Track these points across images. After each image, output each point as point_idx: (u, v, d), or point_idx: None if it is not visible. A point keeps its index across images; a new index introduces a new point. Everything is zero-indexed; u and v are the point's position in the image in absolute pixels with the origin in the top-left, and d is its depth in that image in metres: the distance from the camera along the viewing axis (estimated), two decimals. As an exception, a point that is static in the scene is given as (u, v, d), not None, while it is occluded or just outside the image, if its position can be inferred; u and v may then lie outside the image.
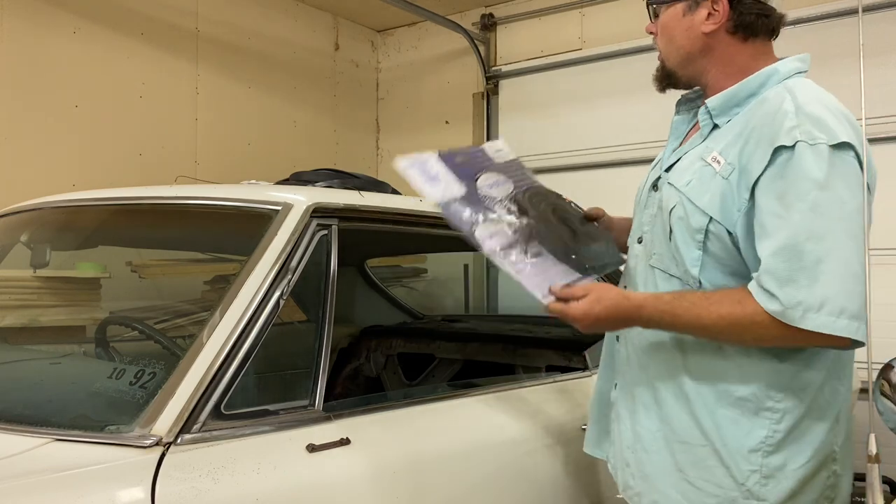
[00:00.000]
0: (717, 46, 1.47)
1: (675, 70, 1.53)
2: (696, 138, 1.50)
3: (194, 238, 2.34)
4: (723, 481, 1.40)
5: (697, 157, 1.45)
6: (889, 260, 3.85)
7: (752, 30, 1.46)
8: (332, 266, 1.65)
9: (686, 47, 1.49)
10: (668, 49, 1.53)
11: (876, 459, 2.40)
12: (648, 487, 1.51)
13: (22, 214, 2.18)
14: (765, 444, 1.39)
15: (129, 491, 1.19)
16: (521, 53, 5.30)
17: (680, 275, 1.44)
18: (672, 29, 1.50)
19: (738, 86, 1.45)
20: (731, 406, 1.40)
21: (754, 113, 1.40)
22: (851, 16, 3.98)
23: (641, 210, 1.59)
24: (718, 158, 1.40)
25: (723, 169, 1.38)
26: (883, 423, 2.06)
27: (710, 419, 1.42)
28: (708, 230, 1.38)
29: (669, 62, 1.54)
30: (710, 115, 1.46)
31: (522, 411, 1.93)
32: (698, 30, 1.47)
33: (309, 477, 1.41)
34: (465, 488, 1.68)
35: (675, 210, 1.43)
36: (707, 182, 1.40)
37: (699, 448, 1.43)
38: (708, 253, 1.40)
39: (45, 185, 2.71)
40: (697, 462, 1.43)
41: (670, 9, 1.50)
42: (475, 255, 4.72)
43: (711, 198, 1.38)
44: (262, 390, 1.52)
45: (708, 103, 1.47)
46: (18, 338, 2.28)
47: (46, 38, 3.85)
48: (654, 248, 1.50)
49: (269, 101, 4.96)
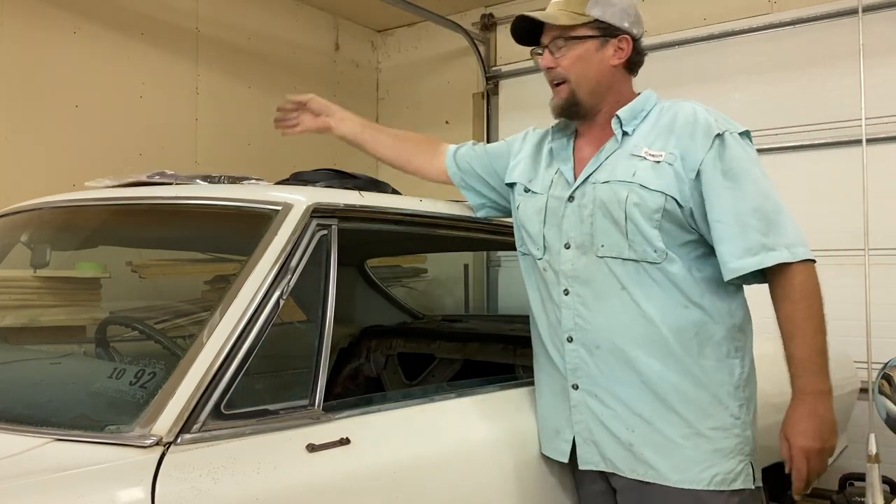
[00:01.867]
0: (615, 79, 1.78)
1: (584, 99, 1.77)
2: (612, 145, 1.76)
3: (194, 238, 2.34)
4: (725, 421, 1.67)
5: (626, 156, 1.72)
6: (889, 260, 3.86)
7: (636, 66, 1.82)
8: (332, 266, 1.65)
9: (597, 79, 1.76)
10: (581, 80, 1.76)
11: (876, 459, 2.41)
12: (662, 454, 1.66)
13: (22, 214, 2.18)
14: (740, 380, 1.70)
15: (129, 491, 1.19)
16: (521, 53, 5.25)
17: (636, 256, 1.68)
18: (587, 61, 1.76)
19: (634, 103, 1.77)
20: (712, 352, 1.67)
21: (663, 119, 1.73)
22: (851, 16, 3.98)
23: (558, 221, 1.78)
24: (652, 152, 1.69)
25: (667, 157, 1.68)
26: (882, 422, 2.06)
27: (699, 369, 1.66)
28: (664, 209, 1.65)
29: (580, 92, 1.77)
30: (622, 124, 1.75)
31: (523, 411, 1.93)
32: (608, 63, 1.76)
33: (309, 477, 1.41)
34: (465, 488, 1.68)
35: (630, 198, 1.67)
36: (654, 170, 1.68)
37: (698, 400, 1.66)
38: (662, 229, 1.66)
39: (45, 185, 2.71)
40: (701, 411, 1.66)
41: (584, 44, 1.75)
42: (475, 255, 4.72)
43: (666, 181, 1.66)
44: (262, 390, 1.52)
45: (619, 114, 1.75)
46: (18, 338, 2.28)
47: (46, 38, 3.86)
48: (601, 241, 1.71)
49: (269, 101, 4.92)
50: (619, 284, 1.69)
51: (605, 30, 1.75)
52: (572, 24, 1.74)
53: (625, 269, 1.69)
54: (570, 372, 1.75)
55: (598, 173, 1.75)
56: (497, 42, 5.45)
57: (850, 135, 3.92)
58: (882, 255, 3.79)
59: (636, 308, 1.68)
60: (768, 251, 1.61)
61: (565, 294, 1.75)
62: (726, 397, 1.68)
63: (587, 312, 1.72)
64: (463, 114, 5.48)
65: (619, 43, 1.76)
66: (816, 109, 4.11)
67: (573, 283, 1.74)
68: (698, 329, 1.67)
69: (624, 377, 1.69)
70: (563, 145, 1.87)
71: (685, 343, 1.66)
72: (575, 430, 1.76)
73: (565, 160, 1.84)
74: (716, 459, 1.65)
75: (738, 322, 1.72)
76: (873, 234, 3.55)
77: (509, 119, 5.30)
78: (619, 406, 1.70)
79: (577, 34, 1.75)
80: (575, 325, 1.74)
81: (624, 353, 1.68)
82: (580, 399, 1.74)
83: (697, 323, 1.67)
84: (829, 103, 4.12)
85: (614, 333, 1.69)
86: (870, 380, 1.86)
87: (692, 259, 1.69)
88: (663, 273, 1.67)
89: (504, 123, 5.34)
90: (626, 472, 1.69)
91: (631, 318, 1.68)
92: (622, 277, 1.69)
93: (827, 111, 4.10)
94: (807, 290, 1.61)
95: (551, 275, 1.79)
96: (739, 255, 1.62)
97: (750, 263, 1.61)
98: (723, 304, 1.70)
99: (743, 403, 1.70)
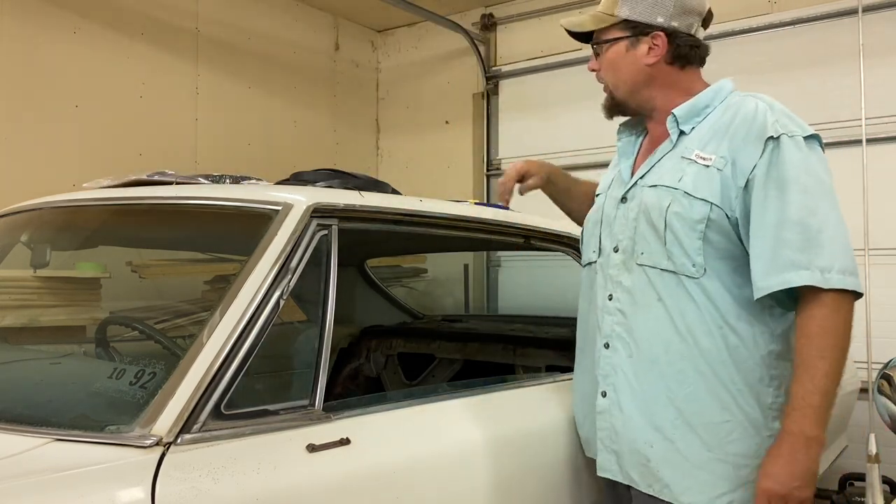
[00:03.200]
0: (658, 76, 1.69)
1: (624, 100, 1.73)
2: (666, 145, 1.68)
3: (194, 238, 2.34)
4: (750, 449, 1.57)
5: (677, 158, 1.64)
6: (889, 260, 3.86)
7: (687, 59, 1.70)
8: (332, 266, 1.65)
9: (632, 80, 1.70)
10: (616, 82, 1.73)
11: (876, 459, 2.41)
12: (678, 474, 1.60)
13: (22, 214, 2.18)
14: (772, 409, 1.58)
15: (129, 491, 1.19)
16: (521, 53, 5.30)
17: (674, 268, 1.59)
18: (618, 64, 1.71)
19: (695, 99, 1.67)
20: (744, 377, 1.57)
21: (724, 117, 1.62)
22: (851, 16, 3.98)
23: (610, 223, 1.74)
24: (703, 155, 1.59)
25: (716, 162, 1.57)
26: (882, 422, 2.06)
27: (728, 394, 1.57)
28: (709, 218, 1.55)
29: (619, 94, 1.73)
30: (677, 123, 1.66)
31: (523, 411, 1.93)
32: (641, 63, 1.69)
33: (309, 477, 1.41)
34: (466, 489, 1.68)
35: (672, 206, 1.59)
36: (701, 176, 1.57)
37: (723, 424, 1.57)
38: (706, 240, 1.57)
39: (45, 185, 2.71)
40: (724, 437, 1.57)
41: (614, 46, 1.70)
42: (475, 255, 4.73)
43: (711, 188, 1.56)
44: (262, 390, 1.52)
45: (675, 112, 1.66)
46: (18, 338, 2.28)
47: (46, 38, 3.86)
48: (641, 248, 1.64)
49: (269, 101, 4.96)
50: (655, 295, 1.62)
51: (635, 28, 1.68)
52: (600, 28, 1.70)
53: (662, 279, 1.61)
54: (602, 378, 1.71)
55: (649, 175, 1.68)
56: (497, 42, 5.45)
57: (850, 135, 3.92)
58: (882, 255, 3.79)
59: (671, 322, 1.60)
60: (798, 270, 1.46)
61: (609, 299, 1.70)
62: (756, 425, 1.58)
63: (626, 320, 1.67)
64: (463, 114, 5.48)
65: (653, 40, 1.67)
66: (816, 109, 4.11)
67: (617, 288, 1.69)
68: (731, 352, 1.57)
69: (651, 391, 1.62)
70: (630, 142, 1.81)
71: (717, 365, 1.57)
72: (599, 436, 1.74)
73: (628, 157, 1.78)
74: (732, 487, 1.58)
75: (777, 349, 1.59)
76: (873, 234, 3.55)
77: (509, 119, 5.30)
78: (641, 419, 1.64)
79: (606, 37, 1.71)
80: (613, 331, 1.68)
81: (655, 366, 1.62)
82: (606, 407, 1.70)
83: (731, 346, 1.57)
84: (829, 103, 4.11)
85: (648, 345, 1.63)
86: (870, 380, 1.85)
87: (733, 276, 1.58)
88: (701, 289, 1.58)
89: (504, 123, 5.34)
90: (643, 486, 1.65)
91: (665, 331, 1.61)
92: (659, 288, 1.61)
93: (827, 111, 4.10)
94: (827, 326, 1.45)
95: (601, 278, 1.74)
96: (767, 273, 1.49)
97: (774, 283, 1.48)
98: (762, 329, 1.58)
99: (773, 434, 1.56)
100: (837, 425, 3.17)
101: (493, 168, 5.37)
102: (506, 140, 5.34)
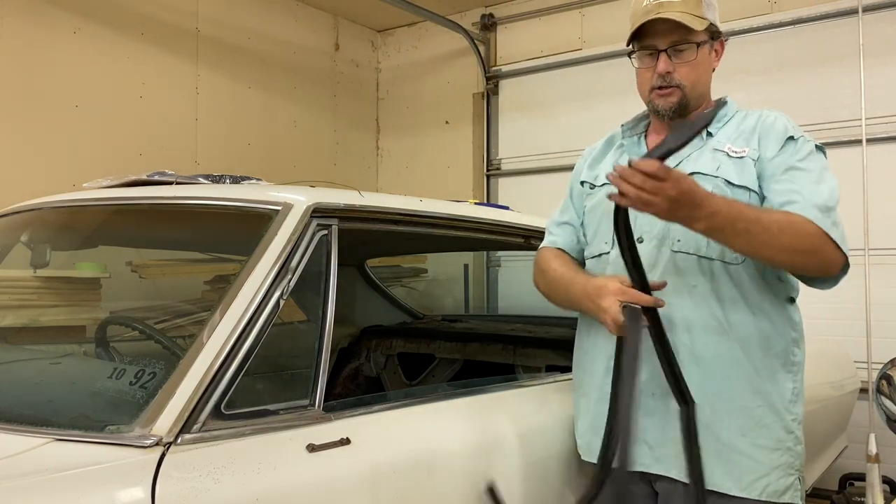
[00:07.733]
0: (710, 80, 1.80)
1: (692, 103, 1.75)
2: (697, 142, 1.73)
3: (194, 238, 2.34)
4: (779, 434, 1.64)
5: (709, 150, 1.71)
6: (889, 260, 3.85)
7: None
8: (332, 266, 1.65)
9: (705, 83, 1.77)
10: (696, 86, 1.74)
11: (876, 459, 2.42)
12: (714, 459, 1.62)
13: (22, 214, 2.18)
14: (793, 395, 1.67)
15: (129, 491, 1.19)
16: (521, 53, 5.30)
17: (715, 254, 1.63)
18: (702, 66, 1.74)
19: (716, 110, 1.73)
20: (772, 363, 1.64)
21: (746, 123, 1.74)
22: (851, 16, 3.98)
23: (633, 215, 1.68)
24: (735, 149, 1.69)
25: (751, 153, 1.67)
26: (882, 422, 2.06)
27: (759, 380, 1.63)
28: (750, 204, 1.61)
29: (692, 96, 1.74)
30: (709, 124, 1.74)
31: (523, 411, 1.93)
32: (711, 67, 1.78)
33: (309, 477, 1.41)
34: (466, 488, 1.68)
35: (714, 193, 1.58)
36: (737, 166, 1.67)
37: (756, 409, 1.63)
38: None
39: (45, 185, 2.72)
40: (756, 422, 1.63)
41: (703, 49, 1.73)
42: (475, 255, 4.72)
43: (749, 176, 1.65)
44: (262, 390, 1.52)
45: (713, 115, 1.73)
46: (18, 338, 2.28)
47: (46, 38, 3.86)
48: (677, 236, 1.66)
49: (269, 101, 4.96)
50: (692, 282, 1.65)
51: (713, 33, 1.73)
52: (697, 29, 1.69)
53: (699, 266, 1.65)
54: None
55: (681, 166, 1.69)
56: (497, 42, 5.45)
57: (850, 135, 3.92)
58: (882, 255, 3.78)
59: (707, 308, 1.64)
60: (805, 208, 1.54)
61: None
62: (781, 411, 1.65)
63: None
64: (463, 114, 5.49)
65: (719, 46, 1.77)
66: (816, 109, 4.11)
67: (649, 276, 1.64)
68: (763, 338, 1.64)
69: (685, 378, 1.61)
70: (635, 142, 1.85)
71: (750, 351, 1.63)
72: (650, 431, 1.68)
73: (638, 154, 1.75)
74: (768, 470, 1.63)
75: (796, 337, 1.70)
76: (873, 234, 3.55)
77: (509, 119, 5.31)
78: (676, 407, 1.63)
79: (698, 39, 1.70)
80: None
81: (689, 352, 1.63)
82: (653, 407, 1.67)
83: (764, 332, 1.64)
84: (829, 103, 4.12)
85: (683, 330, 1.64)
86: (870, 380, 1.86)
87: (765, 265, 1.63)
88: (738, 275, 1.63)
89: (504, 123, 5.34)
90: (679, 476, 1.64)
91: (700, 317, 1.64)
92: (695, 275, 1.64)
93: (827, 111, 4.10)
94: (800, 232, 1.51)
95: (612, 270, 1.71)
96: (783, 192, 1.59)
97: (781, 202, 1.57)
98: (785, 316, 1.68)
99: (795, 418, 1.67)
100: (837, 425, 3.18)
101: (492, 168, 5.37)
102: (506, 140, 5.34)
